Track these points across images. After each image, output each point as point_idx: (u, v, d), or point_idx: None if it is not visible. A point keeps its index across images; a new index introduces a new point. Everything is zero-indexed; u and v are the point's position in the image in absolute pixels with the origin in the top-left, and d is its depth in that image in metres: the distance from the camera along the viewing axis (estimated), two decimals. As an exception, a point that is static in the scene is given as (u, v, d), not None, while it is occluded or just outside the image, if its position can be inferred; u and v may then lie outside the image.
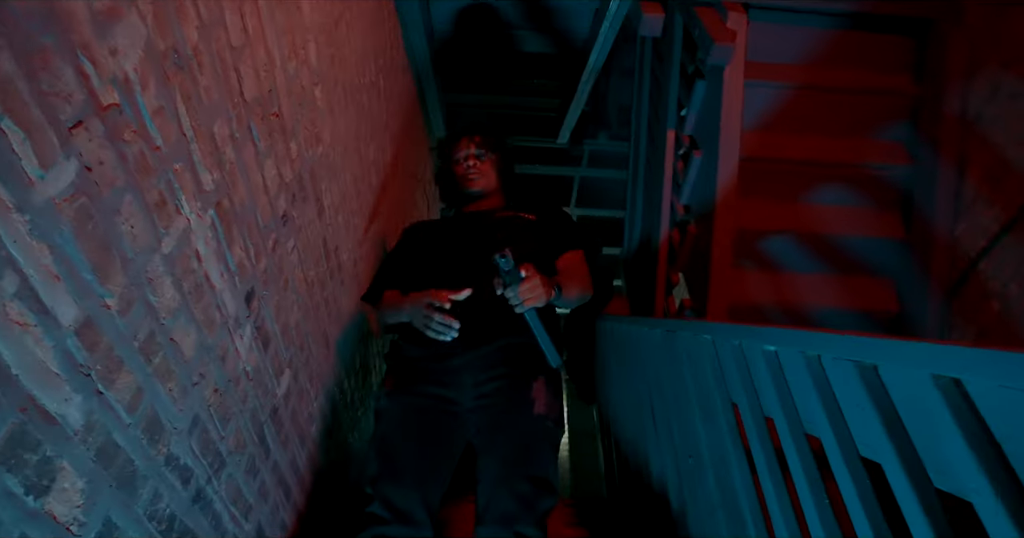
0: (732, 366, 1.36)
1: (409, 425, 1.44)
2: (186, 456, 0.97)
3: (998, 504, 0.65)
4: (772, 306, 2.50)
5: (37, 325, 0.65)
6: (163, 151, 0.88)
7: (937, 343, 0.77)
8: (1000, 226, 2.09)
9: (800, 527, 1.08)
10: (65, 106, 0.68)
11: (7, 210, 0.61)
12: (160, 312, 0.89)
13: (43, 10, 0.65)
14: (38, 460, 0.65)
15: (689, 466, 1.65)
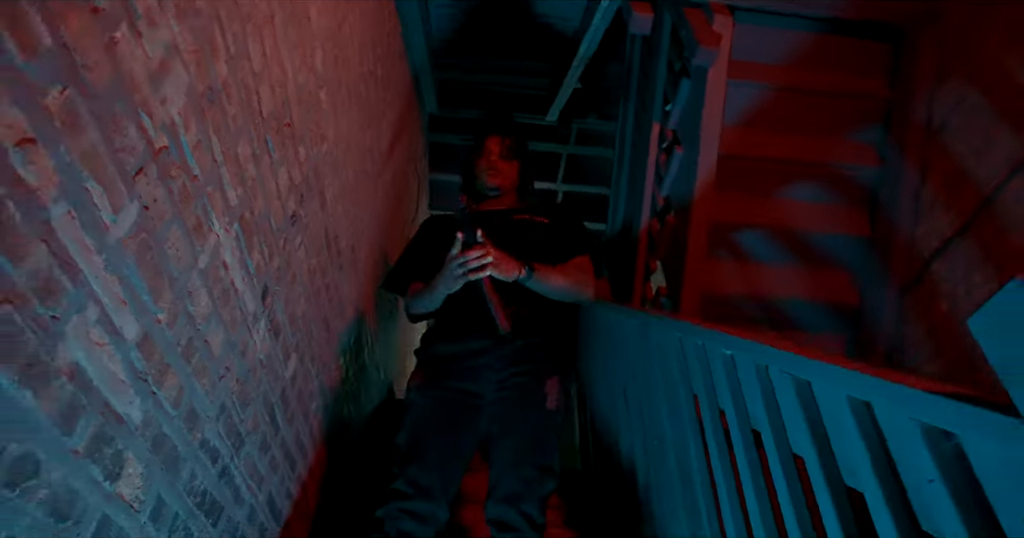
0: (695, 362, 1.53)
1: (435, 416, 1.61)
2: (215, 439, 1.12)
3: (881, 500, 0.83)
4: (743, 295, 2.67)
5: (110, 343, 0.79)
6: (200, 180, 1.01)
7: (855, 368, 0.93)
8: (954, 231, 2.26)
9: (741, 504, 1.26)
10: (130, 158, 0.81)
11: (89, 253, 0.74)
12: (197, 319, 1.03)
13: (113, 79, 0.77)
14: (112, 452, 0.80)
15: (654, 447, 1.83)
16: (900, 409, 0.82)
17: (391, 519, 1.47)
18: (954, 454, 0.75)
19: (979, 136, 2.20)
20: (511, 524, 1.47)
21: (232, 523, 1.24)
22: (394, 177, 3.40)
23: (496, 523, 1.49)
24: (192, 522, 1.05)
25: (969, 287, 2.17)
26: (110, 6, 0.74)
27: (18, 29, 0.60)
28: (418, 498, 1.48)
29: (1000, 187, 2.08)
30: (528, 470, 1.53)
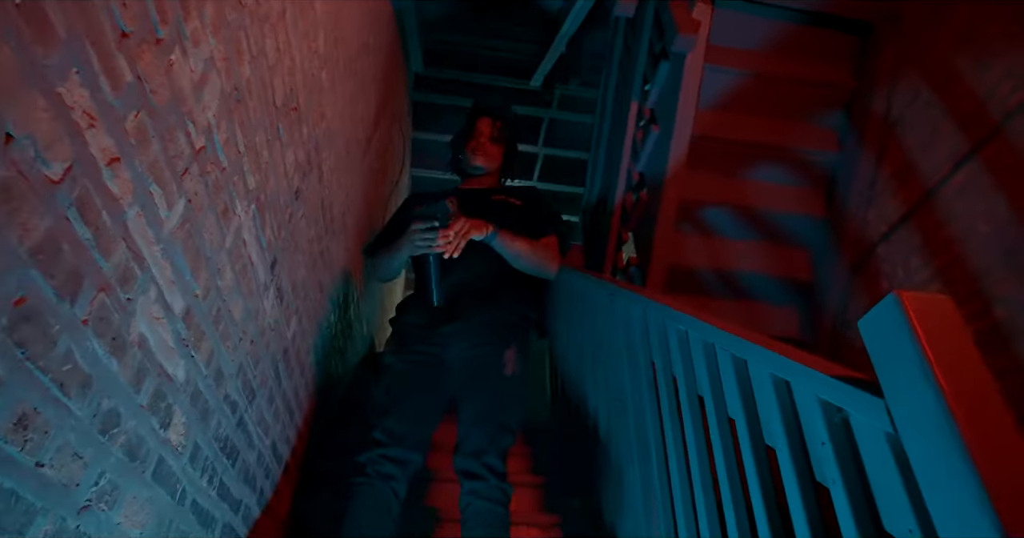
0: (655, 334, 1.73)
1: (409, 377, 1.79)
2: (234, 393, 1.30)
3: (788, 458, 1.04)
4: (706, 268, 2.87)
5: (164, 317, 0.95)
6: (227, 171, 1.16)
7: (780, 352, 1.13)
8: (899, 217, 2.47)
9: (685, 459, 1.48)
10: (179, 161, 0.96)
11: (151, 244, 0.90)
12: (223, 292, 1.19)
13: (170, 97, 0.91)
14: (164, 406, 0.98)
15: (616, 407, 2.05)
16: (807, 387, 1.02)
17: (372, 463, 1.65)
18: (842, 423, 0.96)
19: (928, 131, 2.38)
20: (477, 473, 1.67)
21: (245, 465, 1.43)
22: (380, 139, 3.51)
23: (464, 473, 1.70)
24: (217, 463, 1.23)
25: (908, 270, 2.40)
26: (168, 35, 0.88)
27: (111, 71, 0.75)
28: (395, 445, 1.67)
29: (942, 181, 2.29)
30: (491, 428, 1.73)
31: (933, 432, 0.74)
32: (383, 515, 1.57)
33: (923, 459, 0.76)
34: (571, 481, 2.48)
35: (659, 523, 1.60)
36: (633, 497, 1.80)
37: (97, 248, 0.75)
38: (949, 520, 0.71)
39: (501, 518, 1.64)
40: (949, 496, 0.72)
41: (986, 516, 0.66)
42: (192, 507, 1.12)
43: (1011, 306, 1.96)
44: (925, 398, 0.75)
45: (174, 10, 0.89)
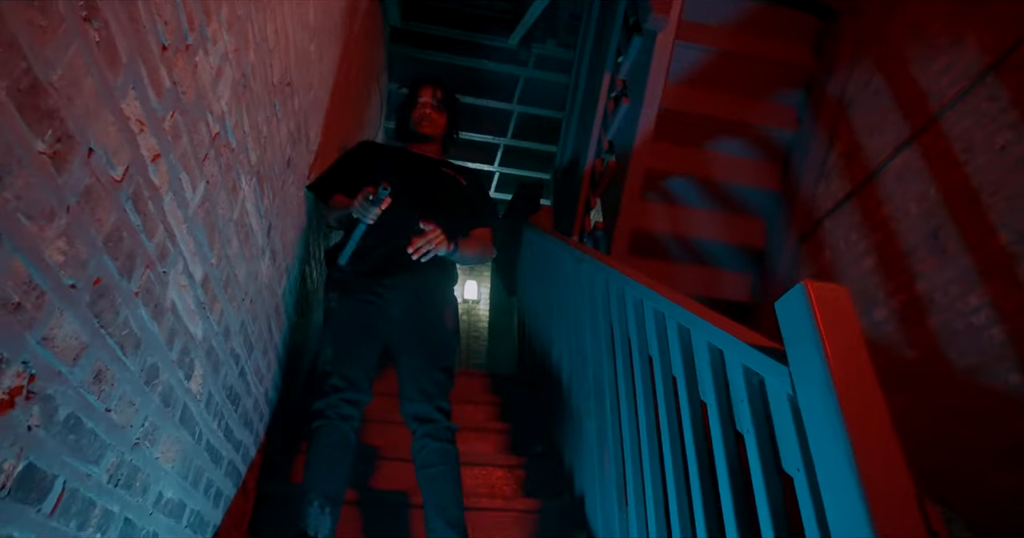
0: (615, 300, 1.93)
1: (354, 322, 1.94)
2: (238, 348, 1.47)
3: (715, 411, 1.25)
4: (668, 234, 3.07)
5: (188, 285, 1.11)
6: (235, 150, 1.29)
7: (715, 323, 1.32)
8: (844, 194, 2.68)
9: (635, 411, 1.70)
10: (201, 149, 1.09)
11: (180, 224, 1.04)
12: (232, 259, 1.34)
13: (195, 94, 1.04)
14: (188, 361, 1.14)
15: (577, 362, 2.27)
16: (734, 355, 1.22)
17: (331, 407, 1.82)
18: (758, 384, 1.17)
19: (876, 116, 2.57)
20: (430, 417, 1.86)
21: (244, 410, 1.61)
22: (359, 95, 3.58)
23: (417, 418, 1.87)
24: (224, 409, 1.41)
25: (848, 243, 2.62)
26: (195, 40, 1.01)
27: (156, 81, 0.88)
28: (349, 389, 1.84)
29: (883, 164, 2.49)
30: (437, 374, 1.91)
31: (819, 396, 0.94)
32: (345, 452, 1.75)
33: (810, 416, 0.97)
34: (535, 427, 2.71)
35: (610, 466, 1.83)
36: (589, 443, 2.03)
37: (145, 232, 0.90)
38: (824, 462, 0.92)
39: (453, 454, 1.84)
40: (825, 444, 0.93)
41: (848, 461, 0.87)
42: (207, 446, 1.30)
43: (929, 282, 2.20)
44: (816, 370, 0.96)
45: (198, 17, 1.01)
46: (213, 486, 1.40)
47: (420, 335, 1.98)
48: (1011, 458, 1.87)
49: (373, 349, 1.97)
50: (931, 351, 2.15)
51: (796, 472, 1.01)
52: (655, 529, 1.50)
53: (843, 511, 0.88)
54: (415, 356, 1.94)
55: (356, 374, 1.87)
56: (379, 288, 2.02)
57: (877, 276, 2.41)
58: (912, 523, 0.86)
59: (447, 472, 1.80)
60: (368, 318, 1.99)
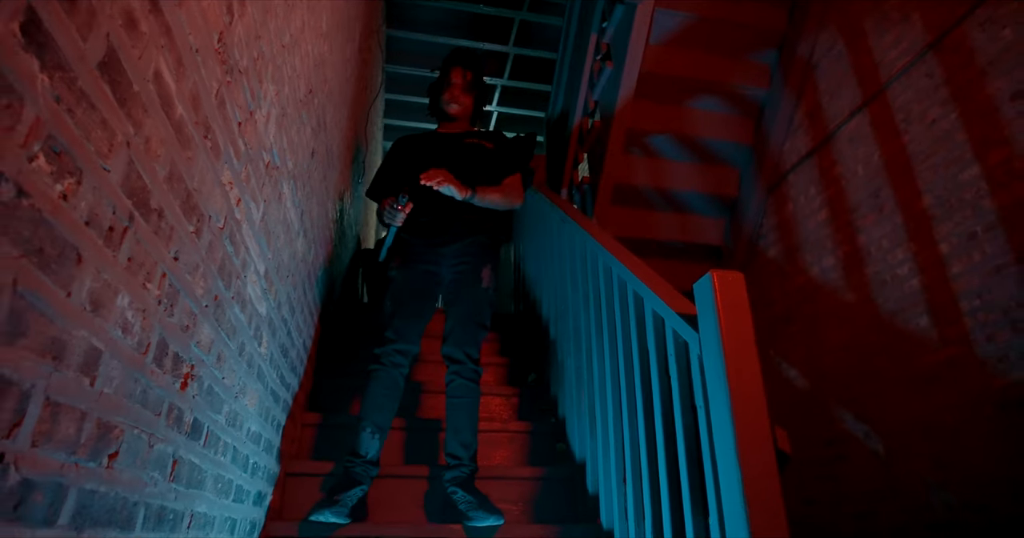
0: (590, 263, 2.35)
1: (410, 288, 2.38)
2: (287, 313, 1.91)
3: (654, 362, 1.70)
4: (649, 186, 3.45)
5: (256, 278, 1.54)
6: (280, 168, 1.69)
7: (660, 296, 1.75)
8: (806, 151, 3.03)
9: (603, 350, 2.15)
10: (260, 179, 1.49)
11: (250, 238, 1.46)
12: (280, 249, 1.76)
13: (257, 142, 1.43)
14: (259, 333, 1.59)
15: (561, 309, 2.72)
16: (670, 322, 1.66)
17: (385, 355, 2.29)
18: (684, 345, 1.61)
19: (836, 81, 2.89)
20: (459, 359, 2.33)
21: (291, 359, 2.08)
22: (361, 56, 3.87)
23: (449, 358, 2.35)
24: (280, 362, 1.87)
25: (807, 197, 3.01)
26: (255, 104, 1.39)
27: (236, 150, 1.27)
28: (401, 341, 2.31)
29: (839, 127, 2.84)
30: (471, 326, 2.37)
31: (715, 357, 1.38)
32: (394, 393, 2.24)
33: (709, 370, 1.41)
34: (530, 360, 3.20)
35: (584, 396, 2.31)
36: (569, 377, 2.51)
37: (235, 255, 1.32)
38: (715, 402, 1.37)
39: (475, 391, 2.32)
40: (715, 390, 1.37)
41: (726, 403, 1.31)
42: (271, 392, 1.77)
43: (868, 236, 2.61)
44: (713, 338, 1.39)
45: (256, 87, 1.39)
46: (275, 419, 1.89)
47: (460, 293, 2.42)
48: (920, 387, 2.34)
49: (425, 307, 2.42)
50: (865, 296, 2.59)
51: (700, 408, 1.47)
52: (614, 443, 1.99)
53: (721, 433, 1.34)
54: (456, 309, 2.40)
55: (407, 329, 2.32)
56: (433, 256, 2.44)
57: (828, 228, 2.81)
58: (763, 442, 1.32)
59: (466, 404, 2.29)
60: (422, 282, 2.44)
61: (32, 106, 0.62)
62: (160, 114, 0.90)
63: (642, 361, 1.85)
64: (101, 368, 0.75)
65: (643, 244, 3.52)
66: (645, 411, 1.78)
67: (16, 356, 0.58)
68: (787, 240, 3.14)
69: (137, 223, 0.84)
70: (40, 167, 0.63)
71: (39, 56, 0.64)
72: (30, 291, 0.60)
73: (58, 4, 0.67)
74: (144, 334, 0.87)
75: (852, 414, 2.56)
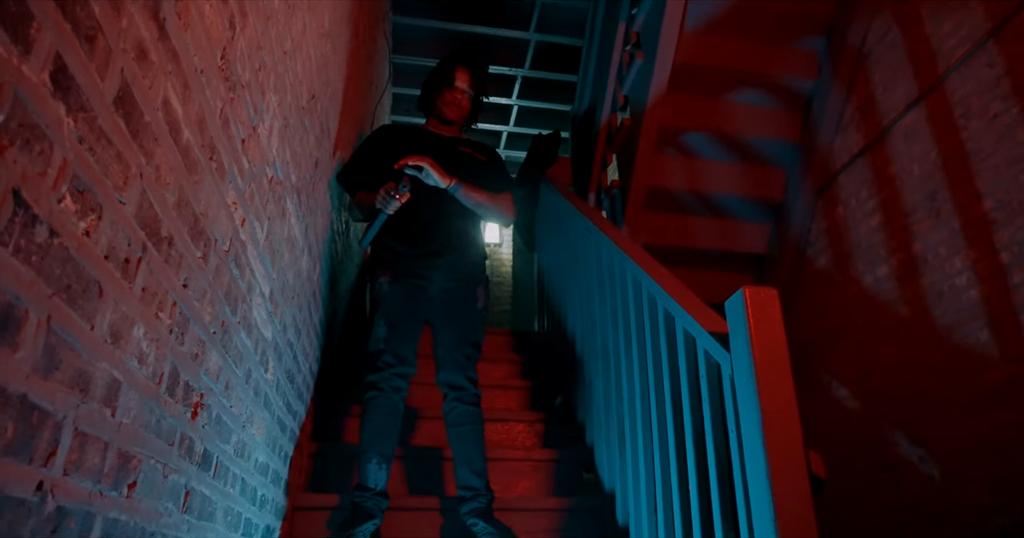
0: (618, 275, 2.44)
1: (402, 305, 2.49)
2: (292, 336, 2.03)
3: (685, 384, 1.78)
4: (685, 189, 3.53)
5: (262, 301, 1.65)
6: (283, 182, 1.81)
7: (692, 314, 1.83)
8: (859, 149, 3.10)
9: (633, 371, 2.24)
10: (264, 196, 1.61)
11: (255, 259, 1.58)
12: (284, 269, 1.88)
13: (261, 158, 1.55)
14: (265, 358, 1.70)
15: (588, 326, 2.81)
16: (701, 342, 1.74)
17: (384, 380, 2.40)
18: (716, 366, 1.69)
19: (889, 71, 2.96)
20: (460, 385, 2.44)
21: (297, 385, 2.20)
22: (366, 50, 4.02)
23: (449, 385, 2.46)
24: (286, 388, 1.99)
25: (858, 200, 3.07)
26: (257, 118, 1.51)
27: (240, 167, 1.39)
28: (400, 365, 2.41)
29: (895, 122, 2.90)
30: (468, 348, 2.48)
31: (747, 379, 1.46)
32: (396, 419, 2.34)
33: (741, 393, 1.49)
34: (555, 383, 3.30)
35: (613, 422, 2.40)
36: (597, 401, 2.60)
37: (241, 278, 1.44)
38: (746, 426, 1.45)
39: (479, 416, 2.43)
40: (747, 414, 1.46)
41: (758, 427, 1.40)
42: (278, 420, 1.89)
43: (924, 242, 2.67)
44: (745, 359, 1.48)
45: (258, 100, 1.51)
46: (282, 449, 2.01)
47: (455, 313, 2.53)
48: (979, 407, 2.39)
49: (419, 326, 2.53)
50: (921, 309, 2.65)
51: (732, 432, 1.55)
52: (644, 471, 2.07)
53: (753, 458, 1.42)
54: (450, 331, 2.50)
55: (405, 351, 2.43)
56: (423, 270, 2.55)
57: (882, 233, 2.88)
58: (796, 467, 1.40)
59: (473, 430, 2.39)
60: (414, 300, 2.54)
61: (60, 149, 0.74)
62: (169, 141, 1.01)
63: (673, 382, 1.93)
64: (121, 399, 0.86)
65: (679, 253, 3.59)
66: (676, 437, 1.87)
67: (51, 389, 0.69)
68: (838, 247, 3.20)
69: (150, 253, 0.95)
70: (67, 207, 0.75)
71: (65, 100, 0.75)
72: (61, 326, 0.71)
73: (80, 47, 0.78)
74: (158, 364, 0.99)
75: (907, 437, 2.61)
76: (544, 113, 6.88)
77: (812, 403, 3.32)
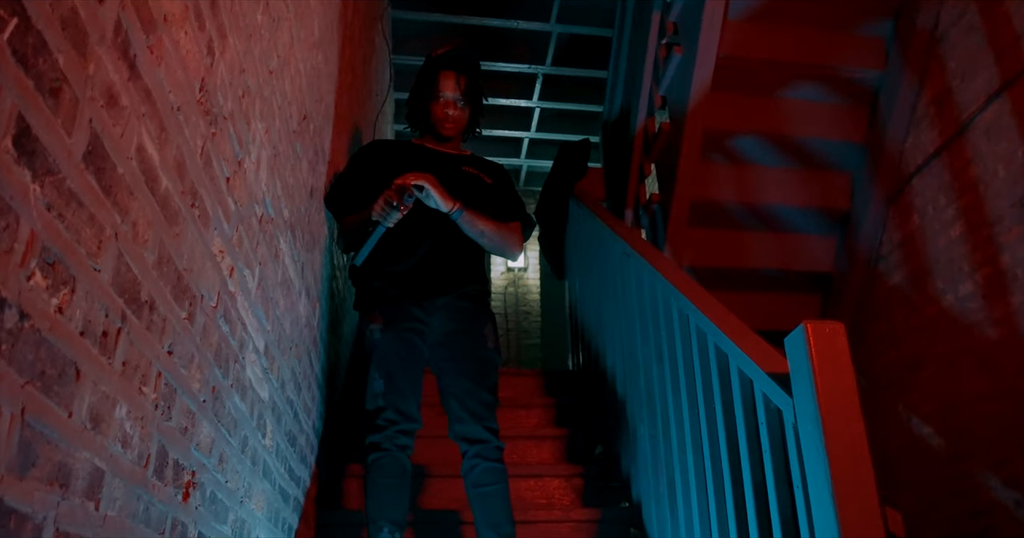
0: (661, 307, 2.45)
1: (399, 355, 2.48)
2: (292, 393, 2.06)
3: (743, 432, 1.78)
4: (735, 202, 3.54)
5: (256, 359, 1.69)
6: (275, 219, 1.85)
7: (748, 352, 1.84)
8: (935, 149, 3.09)
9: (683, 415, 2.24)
10: (254, 239, 1.65)
11: (246, 310, 1.61)
12: (280, 317, 1.92)
13: (248, 195, 1.59)
14: (262, 422, 1.73)
15: (630, 365, 2.81)
16: (759, 384, 1.75)
17: (388, 439, 2.40)
18: (776, 412, 1.69)
19: (967, 58, 2.95)
20: (480, 438, 2.44)
21: (300, 447, 2.23)
22: (363, 54, 4.09)
23: (467, 439, 2.46)
24: (287, 452, 2.02)
25: (936, 207, 3.06)
26: (243, 151, 1.55)
27: (226, 210, 1.43)
28: (404, 421, 2.42)
29: (974, 116, 2.89)
30: (485, 395, 2.49)
31: (812, 429, 1.47)
32: (404, 481, 2.35)
33: (806, 443, 1.50)
34: (593, 430, 3.30)
35: (663, 474, 2.40)
36: (643, 451, 2.60)
37: (231, 335, 1.47)
38: (812, 481, 1.45)
39: (504, 473, 2.43)
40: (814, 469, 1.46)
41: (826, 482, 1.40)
42: (279, 490, 1.92)
43: (1013, 255, 2.65)
44: (810, 406, 1.48)
45: (244, 131, 1.55)
46: (286, 522, 2.03)
47: (464, 357, 2.54)
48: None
49: (418, 375, 2.54)
50: (1011, 332, 2.62)
51: (797, 487, 1.55)
52: (699, 532, 2.07)
53: (822, 516, 1.42)
54: (461, 378, 2.51)
55: (408, 406, 2.44)
56: (419, 312, 2.56)
57: (964, 246, 2.86)
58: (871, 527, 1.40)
59: (498, 491, 2.40)
60: (412, 346, 2.54)
61: (27, 221, 0.77)
62: (145, 192, 1.04)
63: (729, 430, 1.93)
64: (104, 489, 0.89)
65: (731, 275, 3.59)
66: (735, 493, 1.87)
67: (29, 489, 0.72)
68: (913, 262, 3.18)
69: (129, 322, 0.98)
70: (37, 284, 0.78)
71: (30, 166, 0.78)
72: (37, 418, 0.75)
73: (44, 104, 0.82)
74: (143, 445, 1.02)
75: (1000, 479, 2.57)
76: (570, 116, 6.92)
77: (889, 443, 3.28)
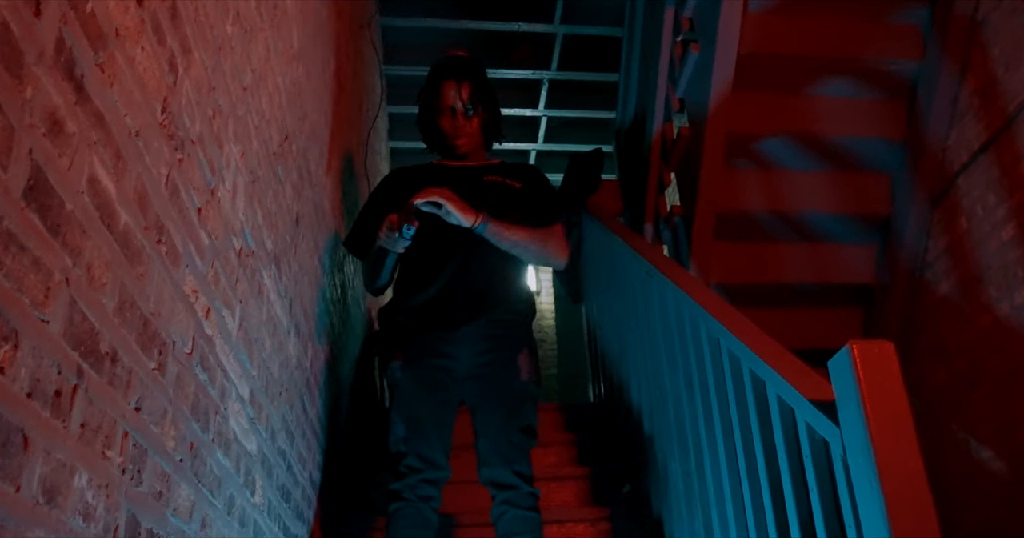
0: (689, 330, 2.40)
1: (423, 395, 2.47)
2: (283, 444, 2.02)
3: (787, 467, 1.73)
4: (764, 210, 3.49)
5: (240, 408, 1.65)
6: (256, 252, 1.82)
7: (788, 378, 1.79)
8: (980, 144, 3.05)
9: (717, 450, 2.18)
10: (232, 275, 1.62)
11: (227, 355, 1.58)
12: (266, 360, 1.88)
13: (223, 226, 1.56)
14: (251, 478, 1.69)
15: (657, 396, 2.76)
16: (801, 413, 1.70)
17: (410, 488, 2.36)
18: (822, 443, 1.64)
19: (1012, 43, 2.91)
20: (509, 484, 2.39)
21: (295, 502, 2.19)
22: (351, 67, 4.09)
23: (495, 484, 2.41)
24: (280, 510, 1.98)
25: (985, 207, 3.00)
26: (216, 179, 1.52)
27: (199, 246, 1.40)
28: (429, 469, 2.38)
29: (1022, 107, 2.85)
30: (515, 435, 2.43)
31: (863, 461, 1.42)
32: (428, 531, 2.31)
33: (856, 478, 1.44)
34: (619, 467, 3.24)
35: (698, 513, 2.34)
36: (676, 489, 2.55)
37: (210, 383, 1.43)
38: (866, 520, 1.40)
39: (536, 522, 2.38)
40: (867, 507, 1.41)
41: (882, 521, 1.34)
42: (272, 551, 1.87)
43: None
44: (859, 436, 1.43)
45: (216, 157, 1.52)
46: (281, 589, 1.99)
47: (493, 392, 2.49)
48: None
49: (448, 417, 2.49)
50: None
51: (849, 527, 1.50)
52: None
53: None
54: (493, 415, 2.46)
55: (434, 452, 2.39)
56: (445, 346, 2.51)
57: (1018, 249, 2.80)
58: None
59: None
60: (437, 385, 2.50)
61: (-44, 272, 0.74)
62: (101, 229, 1.00)
63: (769, 465, 1.88)
64: (61, 574, 0.85)
65: (763, 291, 3.53)
66: (779, 533, 1.81)
67: (-32, 582, 0.68)
68: (963, 269, 3.13)
69: (87, 377, 0.95)
70: (-28, 342, 0.75)
71: (-39, 210, 0.75)
72: (-25, 499, 0.71)
73: (-28, 136, 0.78)
74: (109, 516, 0.98)
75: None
76: (580, 124, 6.89)
77: (946, 469, 3.20)
